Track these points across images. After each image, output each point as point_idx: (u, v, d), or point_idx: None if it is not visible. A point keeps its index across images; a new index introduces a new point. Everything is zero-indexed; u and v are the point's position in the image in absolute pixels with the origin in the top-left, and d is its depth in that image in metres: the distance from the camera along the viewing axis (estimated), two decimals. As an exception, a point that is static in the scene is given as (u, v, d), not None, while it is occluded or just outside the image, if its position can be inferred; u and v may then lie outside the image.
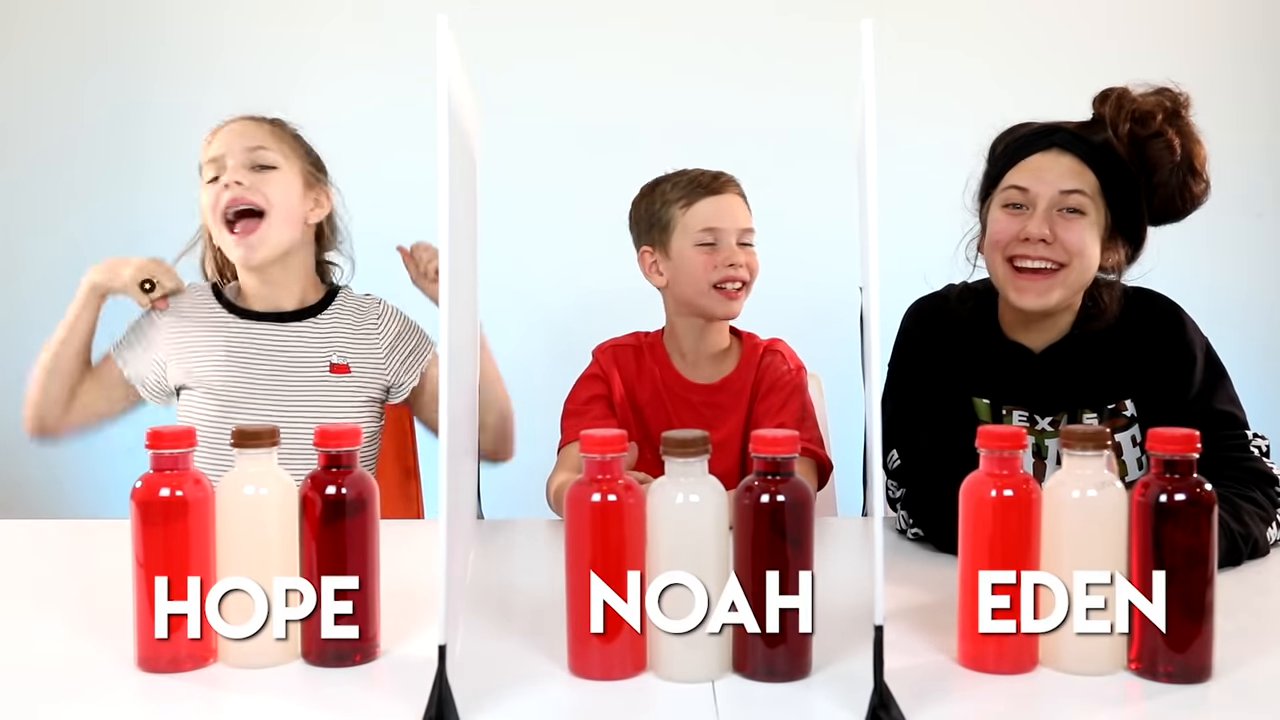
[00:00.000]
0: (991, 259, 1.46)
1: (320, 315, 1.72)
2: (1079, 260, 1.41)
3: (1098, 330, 1.47)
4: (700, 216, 1.69)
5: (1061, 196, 1.41)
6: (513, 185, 2.37)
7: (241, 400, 1.65)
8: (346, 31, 2.53)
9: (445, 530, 0.86)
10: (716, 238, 1.67)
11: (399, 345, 1.74)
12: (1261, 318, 2.62)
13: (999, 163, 1.48)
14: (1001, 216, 1.44)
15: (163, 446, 0.98)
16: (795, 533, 0.94)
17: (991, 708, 0.92)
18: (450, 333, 0.89)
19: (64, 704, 0.92)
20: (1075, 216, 1.41)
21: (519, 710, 0.90)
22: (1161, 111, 1.40)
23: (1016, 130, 1.49)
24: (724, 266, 1.66)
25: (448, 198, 0.87)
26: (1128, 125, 1.41)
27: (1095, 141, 1.42)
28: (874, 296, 0.88)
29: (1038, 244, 1.40)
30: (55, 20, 2.52)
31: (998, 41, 2.58)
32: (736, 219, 1.69)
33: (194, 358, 1.67)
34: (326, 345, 1.70)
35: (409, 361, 1.75)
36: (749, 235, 1.70)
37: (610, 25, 2.55)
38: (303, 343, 1.69)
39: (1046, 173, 1.42)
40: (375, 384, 1.72)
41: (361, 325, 1.73)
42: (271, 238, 1.64)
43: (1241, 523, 1.28)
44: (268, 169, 1.64)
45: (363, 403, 1.71)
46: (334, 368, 1.69)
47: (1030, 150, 1.45)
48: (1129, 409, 1.47)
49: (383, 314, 1.76)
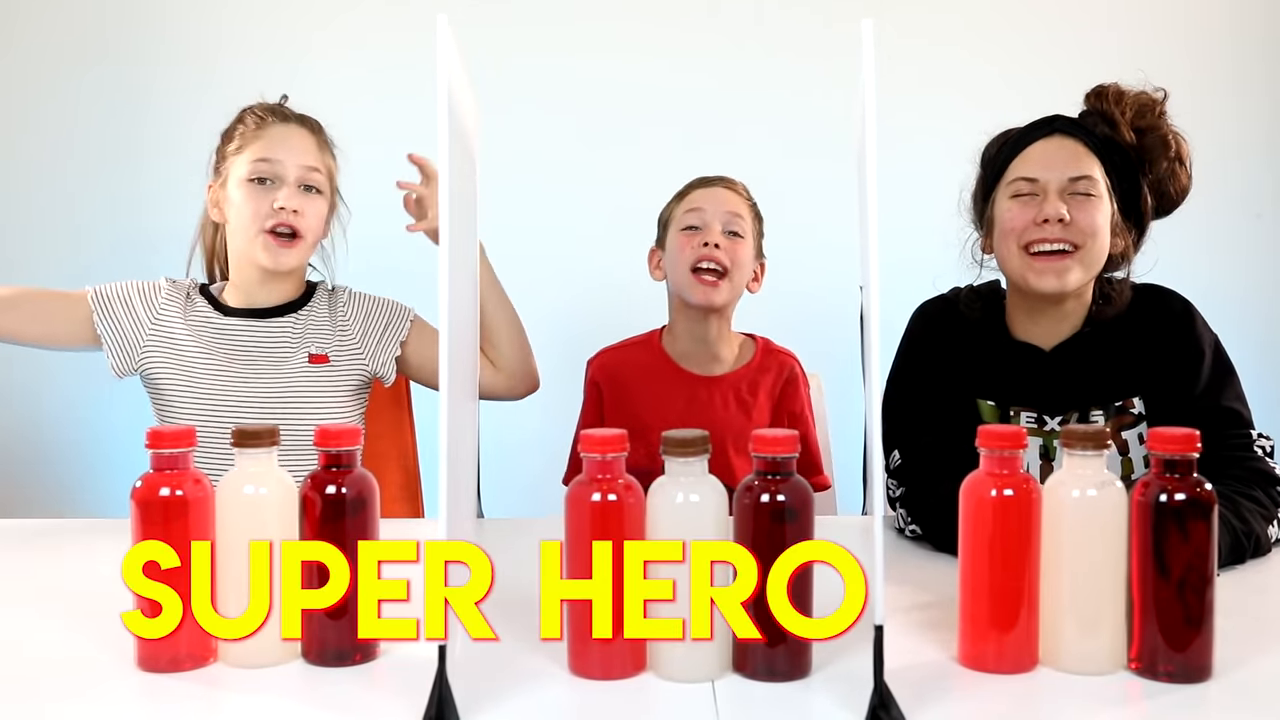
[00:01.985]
0: (1005, 249, 1.46)
1: (299, 311, 1.74)
2: (1093, 241, 1.42)
3: (1108, 322, 1.47)
4: (687, 204, 1.73)
5: (1071, 182, 1.42)
6: (513, 183, 2.37)
7: (224, 393, 1.65)
8: (346, 31, 2.53)
9: (445, 530, 0.86)
10: (699, 220, 1.69)
11: (370, 326, 1.75)
12: (1261, 318, 2.62)
13: (999, 160, 1.49)
14: (1013, 206, 1.44)
15: (163, 446, 0.98)
16: (795, 532, 0.94)
17: (991, 708, 0.92)
18: (450, 331, 0.89)
19: (64, 704, 0.92)
20: (1086, 198, 1.42)
21: (519, 710, 0.90)
22: (1154, 107, 1.44)
23: (1009, 131, 1.51)
24: (699, 246, 1.67)
25: (448, 196, 0.87)
26: (1129, 114, 1.43)
27: (1095, 132, 1.45)
28: (874, 295, 0.88)
29: (1055, 225, 1.40)
30: (55, 20, 2.52)
31: (999, 39, 2.58)
32: (723, 205, 1.70)
33: (177, 351, 1.68)
34: (304, 338, 1.71)
35: (384, 339, 1.75)
36: (736, 222, 1.70)
37: (610, 23, 2.55)
38: (283, 336, 1.70)
39: (1053, 158, 1.43)
40: (357, 372, 1.73)
41: (334, 315, 1.75)
42: (299, 257, 1.69)
43: (1244, 520, 1.28)
44: (313, 191, 1.67)
45: (346, 392, 1.71)
46: (313, 358, 1.69)
47: (1031, 139, 1.46)
48: (1136, 406, 1.47)
49: (349, 300, 1.76)
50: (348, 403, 1.72)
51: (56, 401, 2.51)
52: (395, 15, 2.50)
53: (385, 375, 1.75)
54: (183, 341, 1.68)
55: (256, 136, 1.67)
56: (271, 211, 1.63)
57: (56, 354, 2.48)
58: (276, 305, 1.72)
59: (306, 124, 1.71)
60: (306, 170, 1.66)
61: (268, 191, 1.64)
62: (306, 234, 1.66)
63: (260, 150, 1.65)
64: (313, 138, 1.70)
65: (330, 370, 1.70)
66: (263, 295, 1.72)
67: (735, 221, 1.69)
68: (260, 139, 1.66)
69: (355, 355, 1.73)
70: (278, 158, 1.64)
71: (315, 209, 1.67)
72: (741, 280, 1.71)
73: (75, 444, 2.44)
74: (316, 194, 1.67)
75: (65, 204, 2.54)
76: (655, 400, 1.74)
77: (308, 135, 1.70)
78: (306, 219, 1.66)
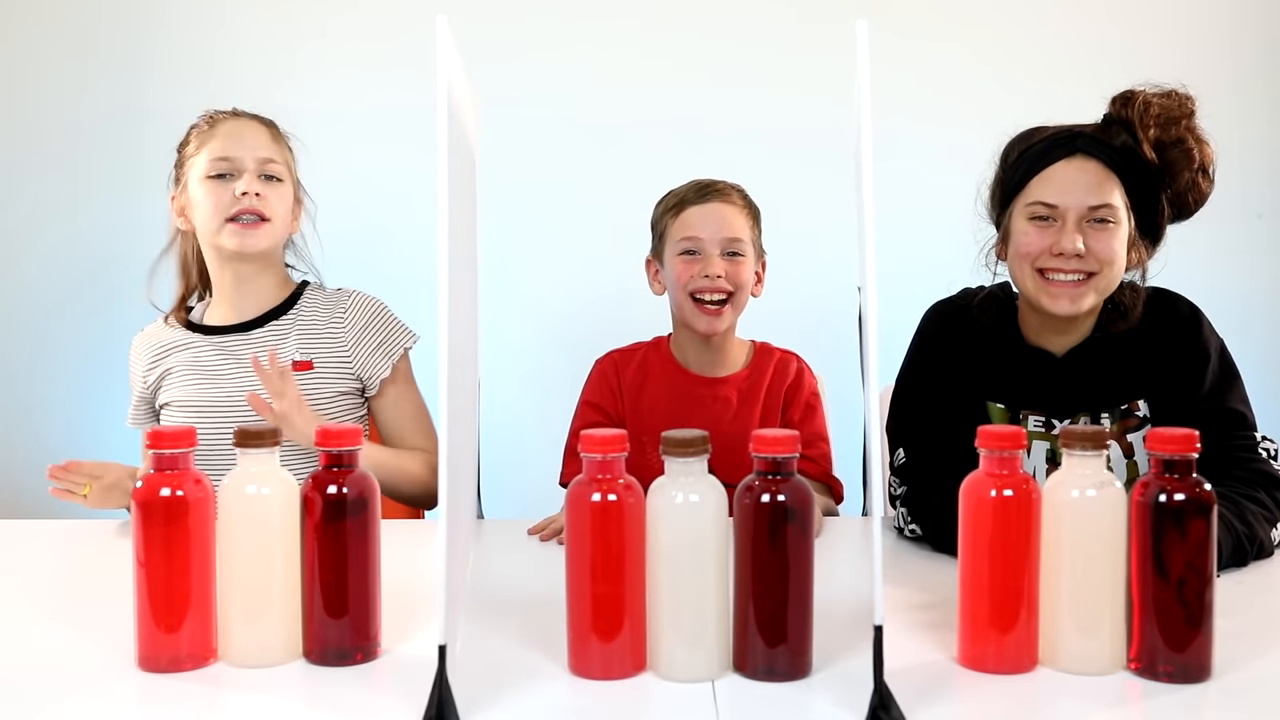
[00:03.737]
0: (1019, 270, 1.45)
1: (283, 316, 1.74)
2: (1109, 268, 1.41)
3: (1120, 332, 1.47)
4: (683, 225, 1.69)
5: (1090, 210, 1.40)
6: (512, 184, 2.37)
7: (209, 410, 1.68)
8: (346, 31, 2.53)
9: (445, 530, 0.86)
10: (697, 246, 1.67)
11: (366, 335, 1.74)
12: (1261, 318, 2.62)
13: (1017, 170, 1.46)
14: (1030, 229, 1.43)
15: (163, 446, 0.98)
16: (795, 532, 0.94)
17: (991, 708, 0.92)
18: (450, 332, 0.89)
19: (64, 704, 0.92)
20: (1104, 226, 1.40)
21: (519, 710, 0.90)
22: (1183, 116, 1.40)
23: (1031, 136, 1.47)
24: (700, 277, 1.66)
25: (447, 197, 0.87)
26: (1153, 130, 1.39)
27: (1116, 144, 1.41)
28: (872, 296, 0.88)
29: (1071, 258, 1.39)
30: (54, 20, 2.52)
31: (998, 39, 2.57)
32: (721, 228, 1.67)
33: (171, 380, 1.72)
34: (286, 344, 1.71)
35: (378, 352, 1.74)
36: (737, 245, 1.67)
37: (609, 25, 2.55)
38: (264, 345, 1.70)
39: (1073, 185, 1.40)
40: (343, 377, 1.72)
41: (329, 319, 1.74)
42: (265, 242, 1.69)
43: (1246, 523, 1.28)
44: (274, 180, 1.68)
45: (331, 397, 1.71)
46: (296, 365, 1.69)
47: (1052, 158, 1.42)
48: (1142, 409, 1.47)
49: (351, 304, 1.76)
50: (334, 406, 1.71)
51: (56, 401, 2.51)
52: (395, 15, 2.49)
53: (370, 387, 1.74)
54: (171, 374, 1.72)
55: (211, 135, 1.68)
56: (234, 199, 1.64)
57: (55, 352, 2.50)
58: (259, 315, 1.73)
59: (259, 119, 1.72)
60: (263, 161, 1.67)
61: (227, 184, 1.65)
62: (273, 218, 1.68)
63: (217, 148, 1.67)
64: (266, 130, 1.71)
65: (313, 376, 1.70)
66: (244, 300, 1.73)
67: (735, 244, 1.67)
68: (215, 136, 1.68)
69: (343, 360, 1.72)
70: (234, 153, 1.66)
71: (278, 194, 1.68)
72: (745, 298, 1.70)
73: (75, 444, 2.44)
74: (277, 182, 1.69)
75: (65, 204, 2.54)
76: (661, 402, 1.74)
77: (261, 129, 1.71)
78: (270, 204, 1.67)
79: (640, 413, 1.73)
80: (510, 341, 2.46)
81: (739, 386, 1.74)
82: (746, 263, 1.69)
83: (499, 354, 1.75)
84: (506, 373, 1.77)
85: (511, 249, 2.48)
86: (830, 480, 1.70)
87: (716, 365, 1.75)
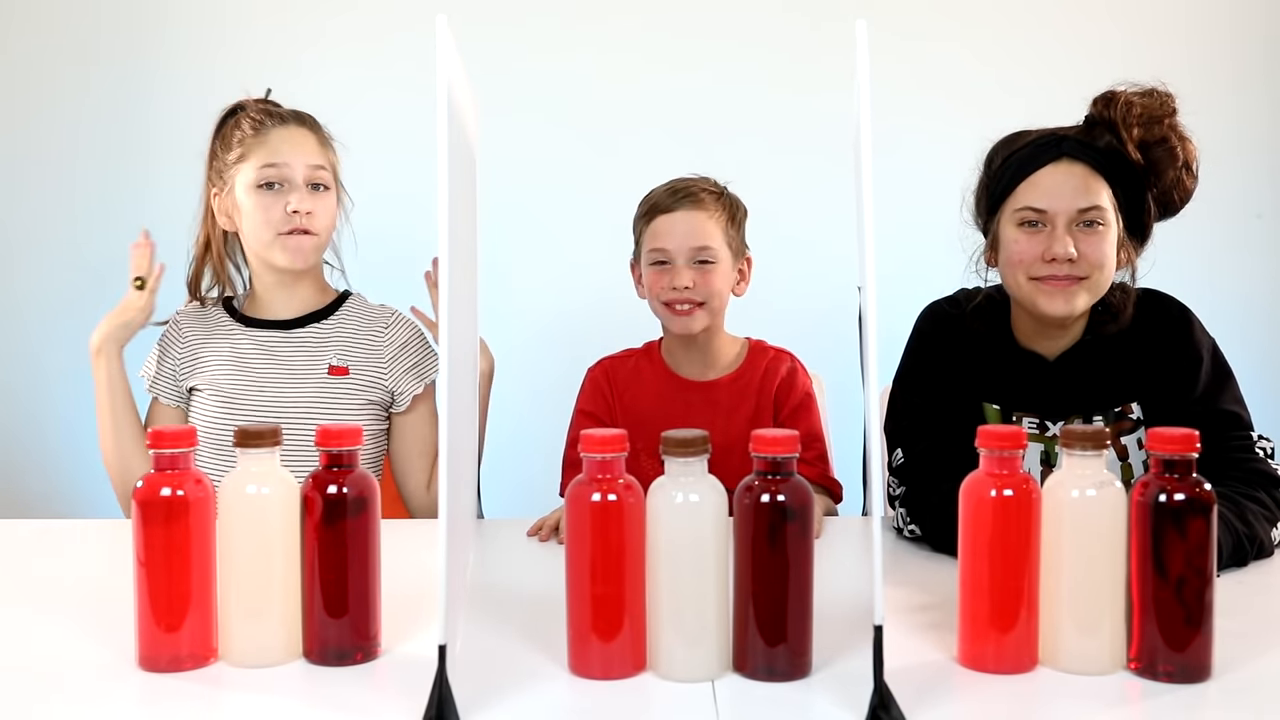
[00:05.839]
0: (1012, 277, 1.45)
1: (325, 320, 1.75)
2: (1100, 271, 1.41)
3: (1111, 334, 1.47)
4: (653, 234, 1.70)
5: (1080, 214, 1.40)
6: (512, 185, 2.37)
7: (244, 402, 1.68)
8: (347, 31, 2.53)
9: (445, 530, 0.86)
10: (666, 257, 1.68)
11: (404, 354, 1.75)
12: (1261, 318, 2.62)
13: (1003, 176, 1.45)
14: (1020, 236, 1.42)
15: (163, 446, 0.98)
16: (795, 532, 0.94)
17: (991, 708, 0.92)
18: (450, 332, 0.89)
19: (64, 704, 0.93)
20: (1094, 229, 1.40)
21: (519, 710, 0.90)
22: (1165, 115, 1.40)
23: (1014, 141, 1.46)
24: (669, 289, 1.66)
25: (447, 198, 0.87)
26: (1136, 130, 1.39)
27: (1100, 146, 1.41)
28: (871, 296, 0.88)
29: (1063, 264, 1.39)
30: (55, 20, 2.52)
31: (998, 39, 2.58)
32: (689, 237, 1.66)
33: (206, 364, 1.72)
34: (326, 349, 1.72)
35: (413, 372, 1.75)
36: (706, 253, 1.66)
37: (609, 26, 2.55)
38: (304, 347, 1.72)
39: (1061, 188, 1.40)
40: (376, 387, 1.73)
41: (369, 331, 1.75)
42: (315, 256, 1.71)
43: (1247, 523, 1.28)
44: (321, 189, 1.69)
45: (362, 404, 1.72)
46: (332, 370, 1.70)
47: (1038, 163, 1.42)
48: (1135, 412, 1.47)
49: (393, 322, 1.77)
50: (364, 414, 1.71)
51: (56, 401, 2.51)
52: (395, 15, 2.49)
53: (400, 401, 1.75)
54: (207, 359, 1.72)
55: (259, 142, 1.67)
56: (285, 216, 1.64)
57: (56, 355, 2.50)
58: (299, 316, 1.74)
59: (304, 122, 1.72)
60: (313, 170, 1.67)
61: (278, 196, 1.65)
62: (321, 232, 1.69)
63: (265, 155, 1.66)
64: (313, 135, 1.71)
65: (349, 382, 1.71)
66: (282, 302, 1.74)
67: (703, 252, 1.67)
68: (263, 144, 1.67)
69: (380, 373, 1.73)
70: (284, 161, 1.66)
71: (325, 206, 1.69)
72: (720, 303, 1.70)
73: (75, 444, 2.44)
74: (325, 190, 1.69)
75: (67, 204, 2.54)
76: (652, 408, 1.74)
77: (308, 134, 1.70)
78: (319, 218, 1.68)
79: (632, 419, 1.73)
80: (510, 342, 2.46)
81: (729, 389, 1.74)
82: (718, 269, 1.67)
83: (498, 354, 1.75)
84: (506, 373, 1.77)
85: (511, 249, 2.48)
86: (828, 482, 1.70)
87: (707, 367, 1.75)
